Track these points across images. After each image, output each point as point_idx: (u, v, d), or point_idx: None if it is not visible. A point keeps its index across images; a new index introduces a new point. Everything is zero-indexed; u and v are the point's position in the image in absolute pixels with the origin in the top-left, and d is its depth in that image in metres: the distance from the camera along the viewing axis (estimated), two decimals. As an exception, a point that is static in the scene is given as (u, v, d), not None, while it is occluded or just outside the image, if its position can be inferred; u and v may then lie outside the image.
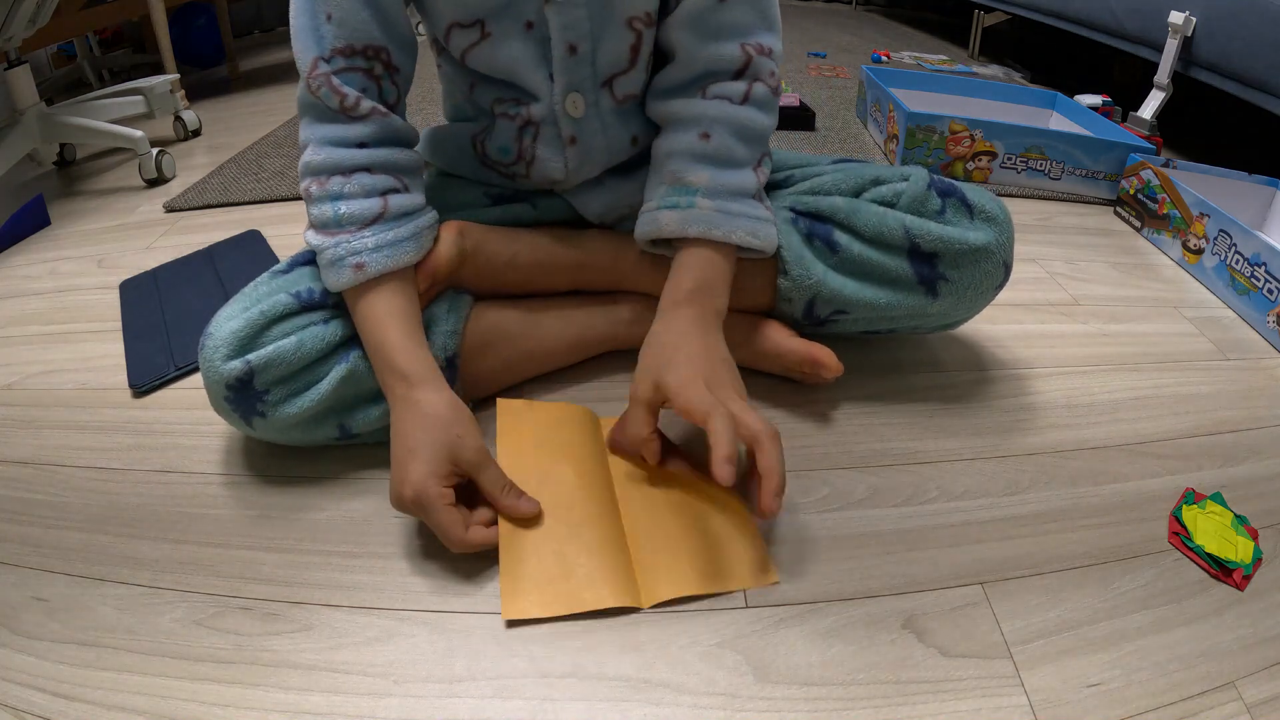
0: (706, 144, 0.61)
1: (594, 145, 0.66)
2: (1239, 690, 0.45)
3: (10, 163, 1.15)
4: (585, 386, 0.69)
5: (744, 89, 0.62)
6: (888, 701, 0.44)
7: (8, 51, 1.18)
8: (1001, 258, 0.64)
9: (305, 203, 0.58)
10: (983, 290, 0.65)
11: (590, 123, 0.65)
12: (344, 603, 0.49)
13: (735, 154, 0.62)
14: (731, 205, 0.61)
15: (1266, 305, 0.82)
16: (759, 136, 0.63)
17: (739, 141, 0.62)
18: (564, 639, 0.47)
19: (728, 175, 0.61)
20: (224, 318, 0.56)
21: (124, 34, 2.20)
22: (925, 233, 0.62)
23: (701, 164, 0.61)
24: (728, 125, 0.61)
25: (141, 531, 0.55)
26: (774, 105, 0.64)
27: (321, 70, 0.56)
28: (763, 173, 0.64)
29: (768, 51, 0.63)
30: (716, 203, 0.60)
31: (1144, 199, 1.05)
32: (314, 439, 0.59)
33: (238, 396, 0.55)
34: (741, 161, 0.62)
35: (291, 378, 0.56)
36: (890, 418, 0.66)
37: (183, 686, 0.44)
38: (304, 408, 0.56)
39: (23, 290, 0.90)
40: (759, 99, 0.62)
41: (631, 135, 0.68)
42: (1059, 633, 0.48)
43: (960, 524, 0.56)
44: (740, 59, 0.62)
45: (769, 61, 0.63)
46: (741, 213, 0.61)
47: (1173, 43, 1.25)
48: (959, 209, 0.64)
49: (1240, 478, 0.62)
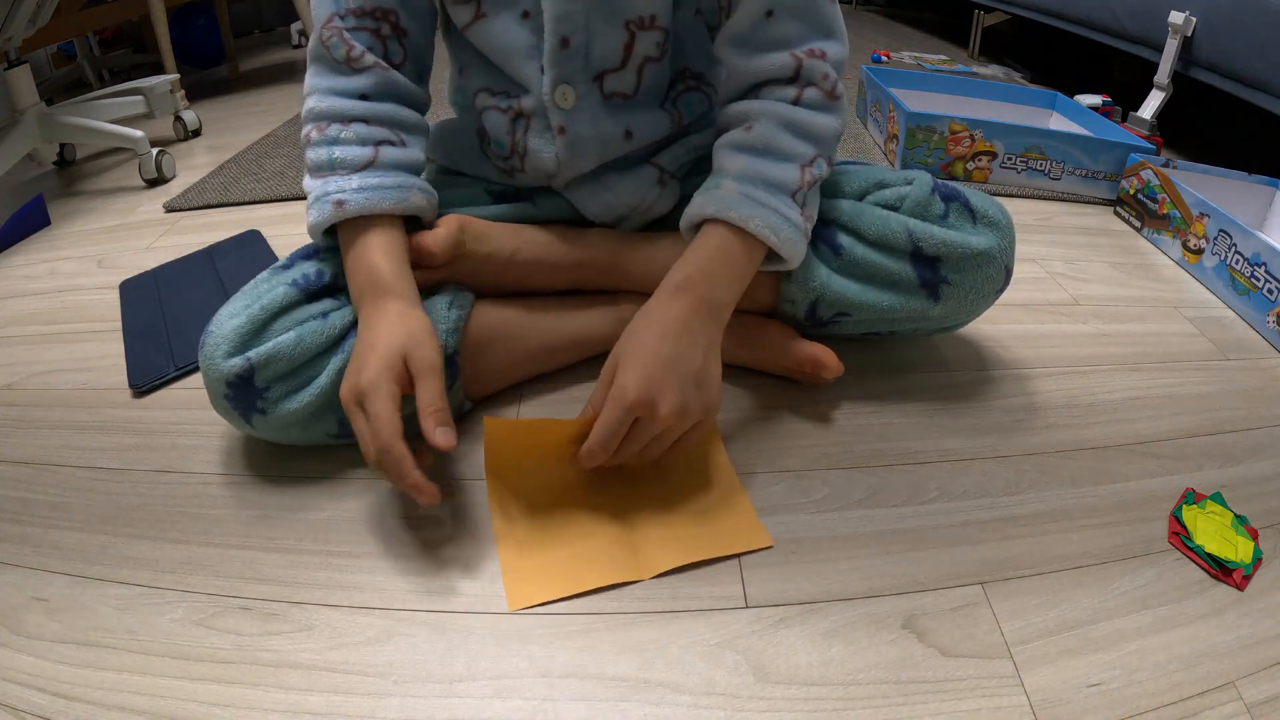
0: (748, 135, 0.59)
1: (584, 136, 0.64)
2: (1239, 690, 0.45)
3: (10, 163, 1.15)
4: (586, 387, 0.69)
5: (795, 93, 0.59)
6: (888, 701, 0.44)
7: (8, 51, 1.18)
8: (1003, 262, 0.64)
9: (304, 148, 0.60)
10: (984, 294, 0.65)
11: (580, 114, 0.64)
12: (344, 603, 0.49)
13: (778, 145, 0.58)
14: (759, 193, 0.57)
15: (1266, 305, 0.82)
16: (814, 134, 0.59)
17: (785, 133, 0.59)
18: (564, 639, 0.47)
19: (764, 164, 0.58)
20: (225, 315, 0.56)
21: (124, 34, 2.21)
22: (929, 236, 0.62)
23: (740, 152, 0.59)
24: (773, 117, 0.59)
25: (141, 531, 0.55)
26: (833, 107, 0.60)
27: (335, 24, 0.59)
28: (811, 173, 0.59)
29: (820, 55, 0.59)
30: (744, 188, 0.57)
31: (1144, 199, 1.05)
32: (313, 436, 0.59)
33: (238, 394, 0.55)
34: (785, 155, 0.58)
35: (291, 374, 0.56)
36: (890, 418, 0.66)
37: (183, 686, 0.44)
38: (304, 403, 0.56)
39: (23, 290, 0.90)
40: (811, 102, 0.59)
41: (624, 129, 0.66)
42: (1059, 633, 0.48)
43: (960, 524, 0.56)
44: (791, 66, 0.59)
45: (821, 64, 0.59)
46: (768, 204, 0.57)
47: (1173, 43, 1.25)
48: (962, 213, 0.64)
49: (1240, 478, 0.62)
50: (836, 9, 0.61)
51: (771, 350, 0.68)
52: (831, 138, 0.60)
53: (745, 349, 0.67)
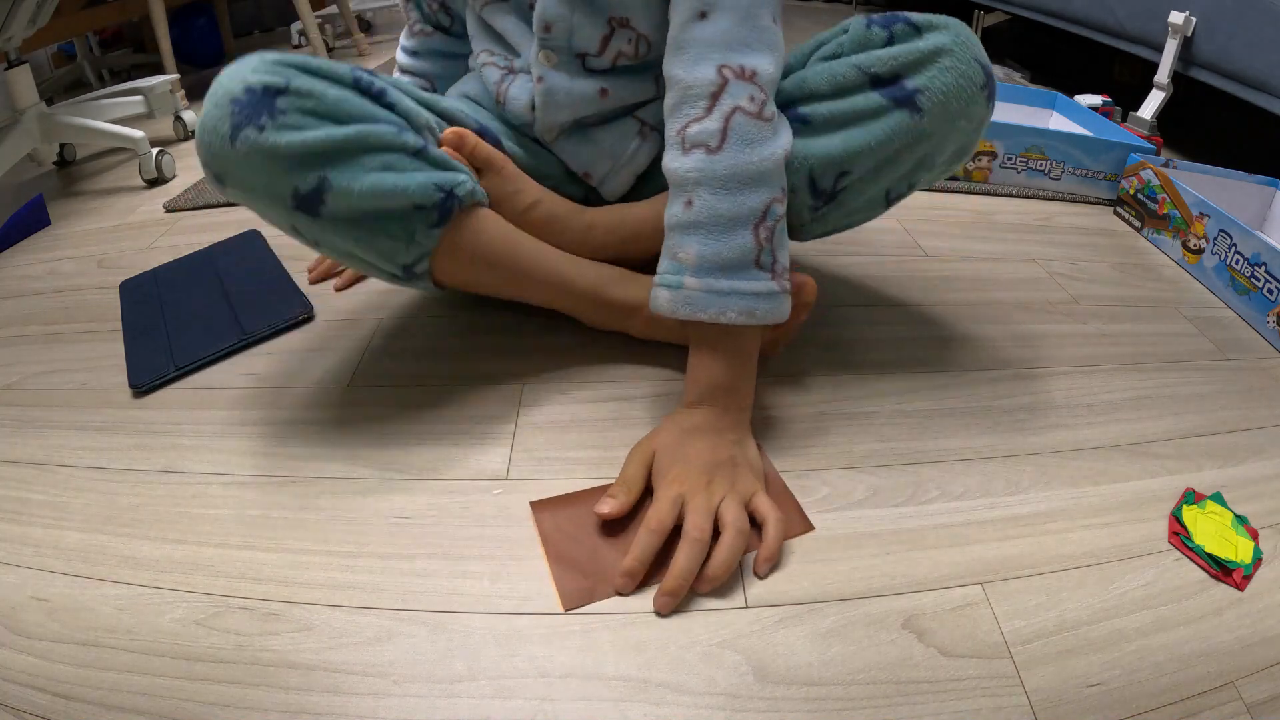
0: (690, 211, 0.56)
1: (559, 88, 0.69)
2: (1239, 690, 0.45)
3: (10, 163, 1.15)
4: (596, 388, 0.69)
5: (719, 127, 0.55)
6: (888, 701, 0.44)
7: (8, 51, 1.18)
8: (969, 54, 0.59)
9: None
10: (965, 91, 0.59)
11: (558, 71, 0.69)
12: (344, 603, 0.49)
13: (723, 214, 0.55)
14: (721, 282, 0.56)
15: (1266, 305, 0.82)
16: (756, 177, 0.56)
17: (726, 196, 0.55)
18: (564, 639, 0.47)
19: (717, 245, 0.56)
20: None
21: (124, 34, 2.20)
22: (877, 60, 0.60)
23: (690, 235, 0.56)
24: (708, 185, 0.56)
25: (141, 531, 0.55)
26: (768, 132, 0.56)
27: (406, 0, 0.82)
28: (767, 227, 0.56)
29: (750, 75, 0.56)
30: (704, 280, 0.56)
31: (1144, 199, 1.05)
32: (278, 190, 0.54)
33: (247, 102, 0.52)
34: (734, 222, 0.55)
35: (317, 113, 0.54)
36: (890, 418, 0.66)
37: (183, 686, 0.44)
38: (306, 140, 0.53)
39: (23, 290, 0.90)
40: (739, 133, 0.55)
41: (600, 88, 0.70)
42: (1059, 633, 0.48)
43: (960, 524, 0.56)
44: (714, 83, 0.55)
45: (748, 86, 0.56)
46: (733, 290, 0.56)
47: (1173, 43, 1.25)
48: (906, 32, 0.60)
49: (1240, 478, 0.62)
50: (777, 27, 0.59)
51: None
52: (774, 168, 0.57)
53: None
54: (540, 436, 0.63)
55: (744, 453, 0.57)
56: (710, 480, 0.54)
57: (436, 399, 0.68)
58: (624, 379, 0.70)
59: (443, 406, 0.67)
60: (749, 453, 0.58)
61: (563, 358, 0.73)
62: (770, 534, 0.53)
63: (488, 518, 0.56)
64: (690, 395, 0.59)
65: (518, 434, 0.64)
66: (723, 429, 0.57)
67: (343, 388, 0.69)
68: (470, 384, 0.70)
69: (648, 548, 0.51)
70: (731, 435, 0.58)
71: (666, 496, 0.53)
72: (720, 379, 0.58)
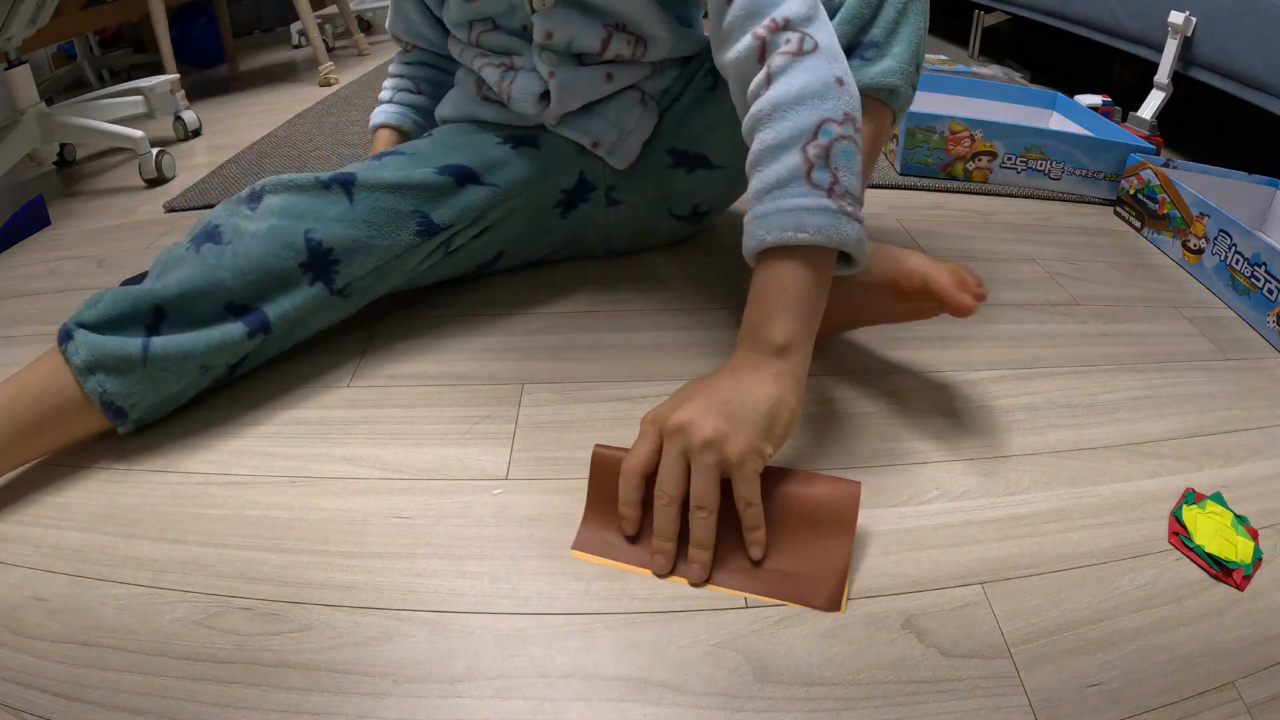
0: (749, 156, 0.56)
1: (570, 80, 0.75)
2: (1239, 690, 0.45)
3: (10, 163, 1.15)
4: (596, 388, 0.69)
5: (764, 76, 0.55)
6: (888, 701, 0.44)
7: (8, 51, 1.18)
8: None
9: None
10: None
11: (563, 69, 0.74)
12: (344, 603, 0.49)
13: (770, 143, 0.54)
14: (766, 206, 0.53)
15: (1266, 305, 0.82)
16: (799, 99, 0.53)
17: (773, 126, 0.54)
18: (564, 639, 0.47)
19: (764, 172, 0.54)
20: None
21: (124, 34, 2.21)
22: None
23: (750, 178, 0.56)
24: (759, 123, 0.55)
25: (141, 531, 0.55)
26: (808, 62, 0.54)
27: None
28: (819, 144, 0.52)
29: (783, 24, 0.55)
30: (754, 210, 0.54)
31: (1144, 199, 1.05)
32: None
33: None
34: (781, 145, 0.53)
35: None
36: (890, 418, 0.66)
37: (183, 686, 0.44)
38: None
39: (23, 290, 0.90)
40: (778, 69, 0.54)
41: (605, 74, 0.76)
42: (1059, 633, 0.48)
43: (960, 524, 0.56)
44: (754, 48, 0.56)
45: (784, 33, 0.55)
46: (776, 209, 0.52)
47: (1173, 43, 1.25)
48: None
49: (1240, 478, 0.62)
50: None
51: (871, 286, 0.63)
52: (820, 91, 0.53)
53: (839, 309, 0.61)
54: (540, 436, 0.63)
55: (746, 402, 0.50)
56: (685, 427, 0.49)
57: (436, 399, 0.68)
58: (624, 379, 0.70)
59: (443, 406, 0.67)
60: (755, 404, 0.50)
61: (563, 358, 0.73)
62: (745, 528, 0.50)
63: (488, 518, 0.56)
64: (741, 333, 0.55)
65: (518, 434, 0.64)
66: (742, 371, 0.51)
67: (343, 388, 0.69)
68: (470, 384, 0.70)
69: (630, 497, 0.52)
70: (750, 378, 0.51)
71: (652, 424, 0.52)
72: (754, 314, 0.53)
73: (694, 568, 0.50)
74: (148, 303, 0.60)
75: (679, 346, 0.75)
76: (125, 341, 0.58)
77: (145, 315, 0.60)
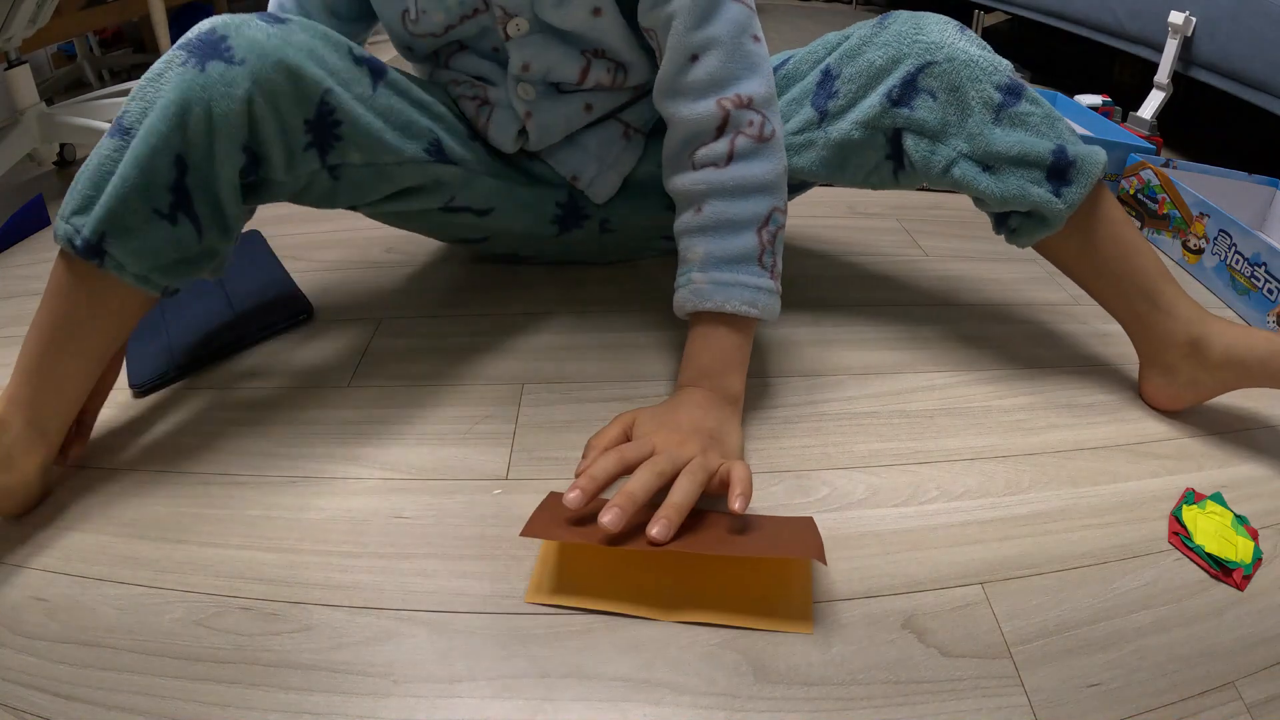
0: (699, 216, 0.61)
1: (548, 115, 0.72)
2: (1239, 690, 0.45)
3: (10, 163, 1.15)
4: (596, 388, 0.69)
5: (726, 149, 0.60)
6: (888, 701, 0.44)
7: (8, 51, 1.18)
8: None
9: None
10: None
11: (541, 102, 0.71)
12: (344, 603, 0.49)
13: (730, 217, 0.60)
14: (724, 275, 0.60)
15: (1266, 305, 0.82)
16: (760, 187, 0.60)
17: (733, 203, 0.60)
18: (564, 639, 0.47)
19: (723, 243, 0.60)
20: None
21: (124, 34, 2.20)
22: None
23: (699, 237, 0.61)
24: (716, 193, 0.60)
25: (141, 531, 0.55)
26: (767, 150, 0.61)
27: None
28: (769, 231, 0.61)
29: (746, 102, 0.60)
30: (709, 274, 0.60)
31: (1144, 199, 1.05)
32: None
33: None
34: (739, 224, 0.60)
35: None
36: (890, 418, 0.66)
37: (183, 686, 0.44)
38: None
39: (23, 290, 0.90)
40: (743, 152, 0.60)
41: (584, 104, 0.72)
42: (1059, 633, 0.48)
43: (960, 524, 0.56)
44: (717, 116, 0.60)
45: (747, 112, 0.60)
46: (735, 281, 0.59)
47: (1173, 43, 1.25)
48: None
49: (1240, 478, 0.62)
50: (761, 46, 0.62)
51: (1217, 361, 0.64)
52: (776, 181, 0.61)
53: (1161, 386, 0.68)
54: (540, 436, 0.63)
55: (725, 433, 0.56)
56: (685, 441, 0.53)
57: (436, 399, 0.68)
58: (624, 379, 0.70)
59: (443, 406, 0.67)
60: (731, 437, 0.57)
61: (563, 358, 0.73)
62: (736, 474, 0.49)
63: (488, 518, 0.56)
64: (683, 377, 0.60)
65: (518, 434, 0.64)
66: (709, 408, 0.57)
67: (343, 388, 0.69)
68: (470, 384, 0.70)
69: (606, 468, 0.49)
70: (717, 414, 0.57)
71: (640, 441, 0.53)
72: (714, 364, 0.60)
73: (660, 523, 0.46)
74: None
75: (679, 346, 0.75)
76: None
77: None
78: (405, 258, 0.91)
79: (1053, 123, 0.63)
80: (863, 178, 0.71)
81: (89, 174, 0.53)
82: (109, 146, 0.53)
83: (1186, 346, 0.64)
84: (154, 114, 0.52)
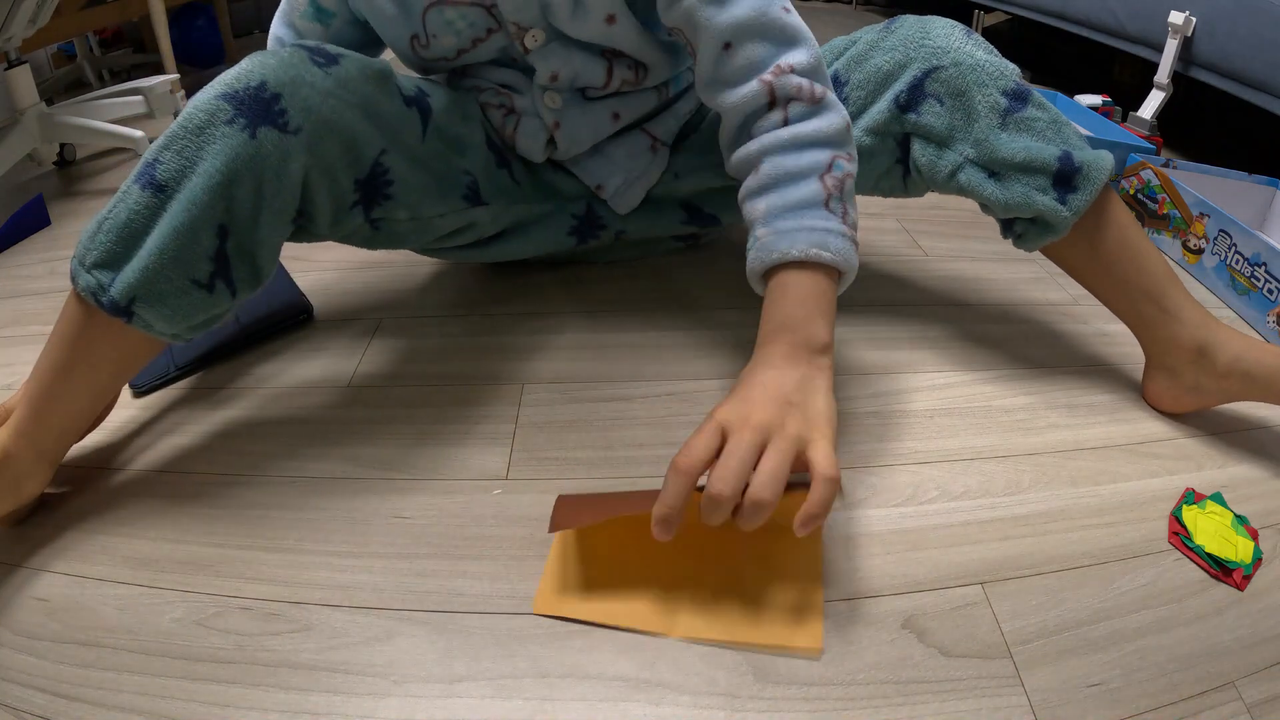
0: (757, 176, 0.57)
1: (576, 125, 0.71)
2: (1239, 690, 0.45)
3: (10, 163, 1.15)
4: (596, 388, 0.69)
5: (780, 116, 0.56)
6: (888, 701, 0.44)
7: (8, 51, 1.18)
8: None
9: None
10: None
11: (569, 110, 0.71)
12: (344, 603, 0.49)
13: (789, 169, 0.55)
14: (786, 222, 0.54)
15: (1266, 305, 0.82)
16: (819, 139, 0.56)
17: (788, 155, 0.56)
18: (564, 639, 0.47)
19: (783, 193, 0.55)
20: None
21: (124, 34, 2.20)
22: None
23: (758, 197, 0.57)
24: (773, 148, 0.56)
25: (142, 531, 0.55)
26: (823, 108, 0.57)
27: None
28: (834, 177, 0.55)
29: (788, 69, 0.56)
30: (771, 226, 0.54)
31: (1144, 199, 1.05)
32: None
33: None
34: (800, 173, 0.55)
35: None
36: (890, 418, 0.66)
37: (183, 686, 0.44)
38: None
39: (23, 290, 0.90)
40: (799, 115, 0.56)
41: (611, 113, 0.72)
42: (1059, 633, 0.48)
43: (960, 524, 0.56)
44: (764, 92, 0.56)
45: (792, 79, 0.56)
46: (799, 227, 0.53)
47: (1173, 43, 1.25)
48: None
49: (1240, 478, 0.62)
50: (793, 16, 0.59)
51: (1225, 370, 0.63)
52: (837, 133, 0.57)
53: (1166, 389, 0.68)
54: (540, 436, 0.63)
55: (808, 393, 0.48)
56: (755, 415, 0.46)
57: (436, 399, 0.68)
58: (624, 379, 0.70)
59: (443, 406, 0.67)
60: (816, 398, 0.48)
61: (563, 358, 0.73)
62: (815, 492, 0.43)
63: (488, 518, 0.56)
64: (761, 333, 0.53)
65: (518, 434, 0.64)
66: (788, 366, 0.50)
67: (343, 388, 0.69)
68: (470, 384, 0.70)
69: (677, 492, 0.43)
70: (798, 371, 0.49)
71: (707, 427, 0.46)
72: (794, 312, 0.52)
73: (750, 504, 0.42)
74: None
75: (679, 346, 0.75)
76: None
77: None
78: (405, 258, 0.91)
79: (1059, 128, 0.63)
80: (873, 184, 0.71)
81: (116, 227, 0.51)
82: (139, 200, 0.51)
83: (1193, 351, 0.64)
84: (196, 180, 0.51)
